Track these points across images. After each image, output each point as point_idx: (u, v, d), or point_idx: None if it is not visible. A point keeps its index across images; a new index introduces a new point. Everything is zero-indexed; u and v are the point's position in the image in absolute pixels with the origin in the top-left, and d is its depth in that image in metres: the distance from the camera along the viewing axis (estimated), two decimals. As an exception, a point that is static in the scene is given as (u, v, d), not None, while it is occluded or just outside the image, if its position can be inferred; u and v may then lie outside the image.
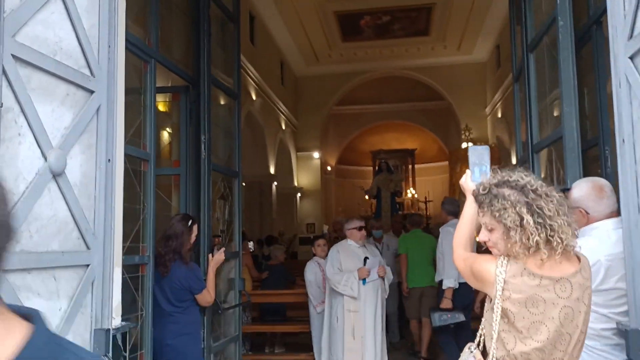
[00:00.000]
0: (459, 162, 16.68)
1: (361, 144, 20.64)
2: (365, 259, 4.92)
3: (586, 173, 3.02)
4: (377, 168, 17.34)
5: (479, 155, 2.00)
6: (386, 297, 5.08)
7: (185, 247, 3.56)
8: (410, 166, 21.18)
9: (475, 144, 16.55)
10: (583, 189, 2.53)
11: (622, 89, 1.83)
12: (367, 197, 16.82)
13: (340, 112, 19.11)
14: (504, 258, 1.65)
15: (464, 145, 16.65)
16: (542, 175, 3.40)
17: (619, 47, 1.85)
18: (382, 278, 4.98)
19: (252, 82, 12.58)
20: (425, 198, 18.97)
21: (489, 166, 1.99)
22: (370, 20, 14.68)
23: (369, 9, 13.82)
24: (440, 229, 6.00)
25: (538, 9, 3.42)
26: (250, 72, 12.28)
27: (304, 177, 17.51)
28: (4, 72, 1.63)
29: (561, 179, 2.94)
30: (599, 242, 2.37)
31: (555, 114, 3.24)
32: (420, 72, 17.34)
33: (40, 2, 1.83)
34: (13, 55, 1.69)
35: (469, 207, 1.95)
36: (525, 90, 3.48)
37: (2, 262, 0.71)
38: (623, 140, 1.84)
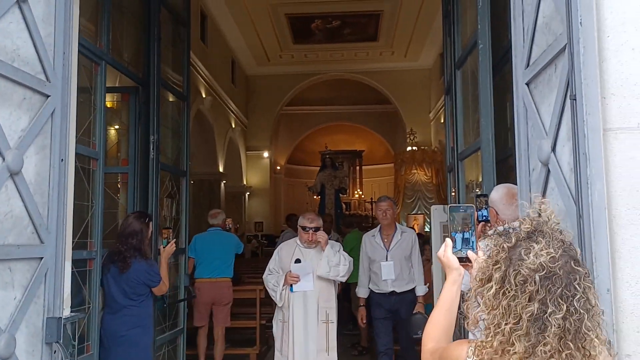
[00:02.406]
0: (403, 164, 17.25)
1: (311, 145, 20.93)
2: (297, 261, 4.20)
3: (509, 179, 3.36)
4: (321, 164, 17.51)
5: (461, 219, 1.54)
6: (322, 273, 4.15)
7: (144, 244, 3.72)
8: (357, 167, 21.65)
9: (419, 147, 17.24)
10: (498, 193, 2.86)
11: (520, 111, 2.14)
12: (312, 194, 17.02)
13: (290, 113, 19.33)
14: (475, 347, 1.24)
15: (408, 148, 17.22)
16: (466, 182, 3.75)
17: (518, 73, 2.16)
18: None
19: (203, 81, 12.61)
20: (372, 199, 19.43)
21: (474, 234, 1.54)
22: (321, 24, 14.97)
23: (320, 13, 14.10)
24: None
25: (465, 29, 3.76)
26: (200, 71, 12.31)
27: (254, 176, 17.61)
28: (-33, 78, 1.77)
29: (480, 184, 3.28)
30: (507, 241, 2.70)
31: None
32: (368, 76, 17.80)
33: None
34: (-25, 63, 1.83)
35: (449, 291, 1.52)
36: (452, 104, 3.82)
37: None
38: (521, 155, 2.15)
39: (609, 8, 1.74)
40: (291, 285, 4.14)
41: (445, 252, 1.55)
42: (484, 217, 2.90)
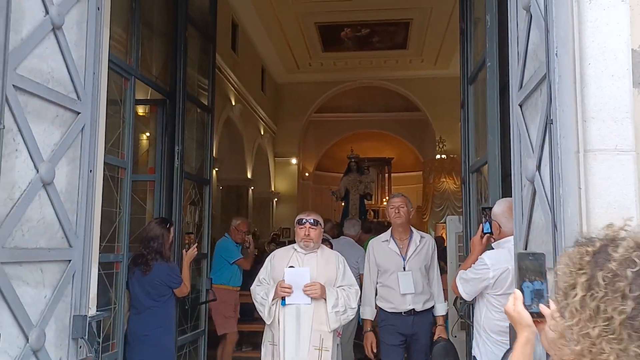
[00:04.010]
0: (432, 172, 17.26)
1: (339, 152, 21.07)
2: (290, 268, 3.50)
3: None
4: (346, 168, 17.19)
5: (531, 268, 1.31)
6: (333, 329, 3.43)
7: (165, 247, 3.95)
8: (386, 175, 21.69)
9: (448, 156, 17.22)
10: (501, 207, 2.98)
11: (515, 130, 2.26)
12: (335, 198, 17.00)
13: (319, 119, 19.53)
14: None
15: (437, 156, 17.22)
16: (476, 192, 3.85)
17: (513, 94, 2.28)
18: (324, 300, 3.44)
19: (233, 89, 12.92)
20: (400, 206, 19.42)
21: (547, 284, 1.30)
22: (350, 32, 15.15)
23: (349, 21, 14.29)
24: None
25: (477, 47, 3.87)
26: (230, 79, 12.62)
27: (281, 182, 17.87)
28: (6, 100, 1.99)
29: (487, 197, 3.38)
30: (509, 253, 2.81)
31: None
32: (397, 83, 17.86)
33: (37, 40, 2.20)
34: (14, 86, 2.05)
35: (521, 353, 1.28)
36: (465, 117, 3.94)
37: None
38: (515, 171, 2.27)
39: (590, 37, 1.86)
40: (283, 299, 3.42)
41: (515, 306, 1.31)
42: (489, 230, 3.02)
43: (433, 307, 4.06)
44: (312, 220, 3.59)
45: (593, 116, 1.82)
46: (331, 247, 4.28)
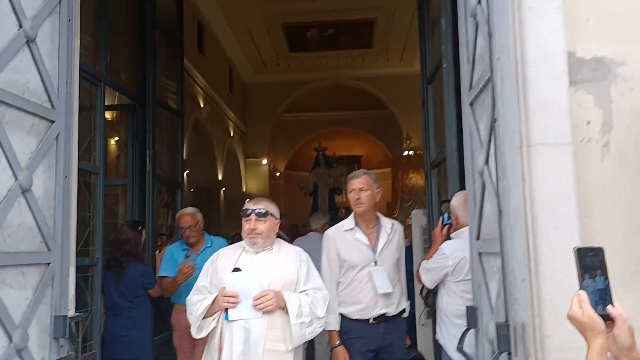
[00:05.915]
0: (400, 168, 17.58)
1: (310, 150, 21.21)
2: (235, 272, 2.73)
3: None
4: (314, 162, 16.52)
5: (595, 261, 1.21)
6: (295, 347, 2.68)
7: (138, 249, 4.03)
8: (356, 172, 21.89)
9: (415, 152, 17.56)
10: (457, 199, 3.18)
11: (466, 127, 2.45)
12: (303, 194, 16.92)
13: (289, 119, 19.64)
14: None
15: (405, 153, 17.55)
16: (437, 187, 4.06)
17: (464, 94, 2.47)
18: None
19: (200, 90, 12.93)
20: (370, 203, 19.74)
21: (609, 281, 1.21)
22: (317, 33, 15.33)
23: (315, 21, 14.47)
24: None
25: (435, 48, 4.07)
26: (198, 81, 12.62)
27: (253, 183, 17.93)
28: (-15, 111, 2.08)
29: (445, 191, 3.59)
30: (465, 242, 3.00)
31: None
32: (364, 82, 18.11)
33: (12, 52, 2.28)
34: (-9, 98, 2.14)
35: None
36: (426, 115, 4.14)
37: None
38: (467, 165, 2.45)
39: (531, 42, 2.05)
40: (226, 312, 2.67)
41: (584, 309, 1.15)
42: (449, 222, 3.22)
43: (403, 310, 3.36)
44: (260, 211, 2.79)
45: (535, 114, 2.01)
46: None
